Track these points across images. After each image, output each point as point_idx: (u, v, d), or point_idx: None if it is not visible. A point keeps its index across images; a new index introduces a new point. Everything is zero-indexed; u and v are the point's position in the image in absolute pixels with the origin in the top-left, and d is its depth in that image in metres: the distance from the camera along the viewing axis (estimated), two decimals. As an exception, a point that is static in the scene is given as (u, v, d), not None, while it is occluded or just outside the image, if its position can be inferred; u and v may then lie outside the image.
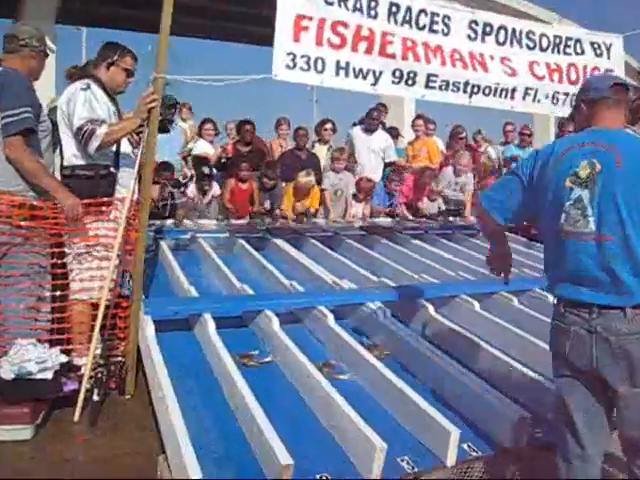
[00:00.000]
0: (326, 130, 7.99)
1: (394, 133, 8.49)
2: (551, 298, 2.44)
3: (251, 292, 4.29)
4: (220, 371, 3.25)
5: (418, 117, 8.85)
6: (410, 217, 7.52)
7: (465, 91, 4.04)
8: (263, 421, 2.62)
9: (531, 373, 3.27)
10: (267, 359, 3.52)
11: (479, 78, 4.06)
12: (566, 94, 4.36)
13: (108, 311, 3.57)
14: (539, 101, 4.28)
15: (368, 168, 7.64)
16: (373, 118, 7.83)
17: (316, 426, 2.88)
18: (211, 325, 3.64)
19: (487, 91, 4.10)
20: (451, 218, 7.62)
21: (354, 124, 8.35)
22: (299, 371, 3.24)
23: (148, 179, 3.60)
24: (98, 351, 3.50)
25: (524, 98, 4.23)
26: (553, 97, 4.32)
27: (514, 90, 4.18)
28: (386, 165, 7.96)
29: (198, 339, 3.75)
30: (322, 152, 7.89)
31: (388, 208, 7.51)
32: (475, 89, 4.06)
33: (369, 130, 7.81)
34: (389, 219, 7.34)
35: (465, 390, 3.07)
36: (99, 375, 3.39)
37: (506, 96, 4.17)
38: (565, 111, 4.42)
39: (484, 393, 3.00)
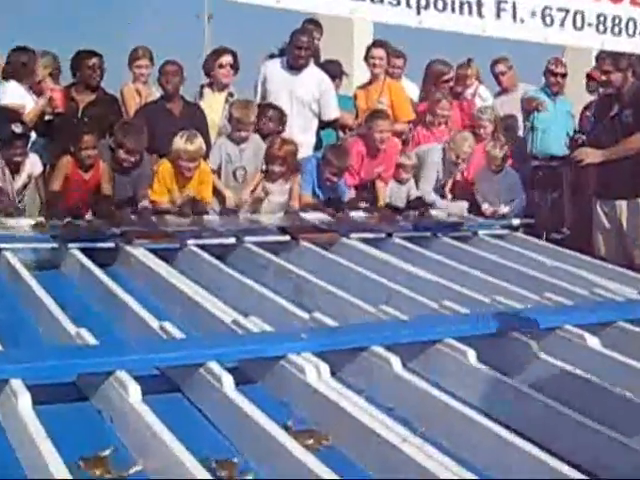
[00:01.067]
0: (223, 67, 8.03)
1: (335, 71, 8.58)
2: None
3: (93, 341, 4.25)
4: (42, 476, 3.17)
5: (377, 45, 8.90)
6: (363, 209, 7.61)
7: (409, 5, 4.12)
8: None
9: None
10: (133, 470, 3.45)
11: None
12: (564, 11, 4.48)
13: None
14: (522, 21, 4.37)
15: (291, 128, 7.68)
16: (300, 47, 7.90)
17: None
18: (24, 400, 3.57)
19: (440, 5, 4.17)
20: (432, 212, 7.76)
21: (271, 56, 8.40)
22: (177, 474, 3.20)
23: None
24: None
25: (498, 15, 4.31)
26: (544, 15, 4.42)
27: (480, 4, 4.26)
28: (322, 126, 8.02)
29: (2, 423, 3.67)
30: (216, 104, 7.92)
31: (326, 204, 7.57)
32: (422, 2, 4.12)
33: (293, 67, 7.86)
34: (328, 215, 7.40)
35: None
36: None
37: (470, 13, 4.24)
38: (564, 37, 4.57)
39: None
